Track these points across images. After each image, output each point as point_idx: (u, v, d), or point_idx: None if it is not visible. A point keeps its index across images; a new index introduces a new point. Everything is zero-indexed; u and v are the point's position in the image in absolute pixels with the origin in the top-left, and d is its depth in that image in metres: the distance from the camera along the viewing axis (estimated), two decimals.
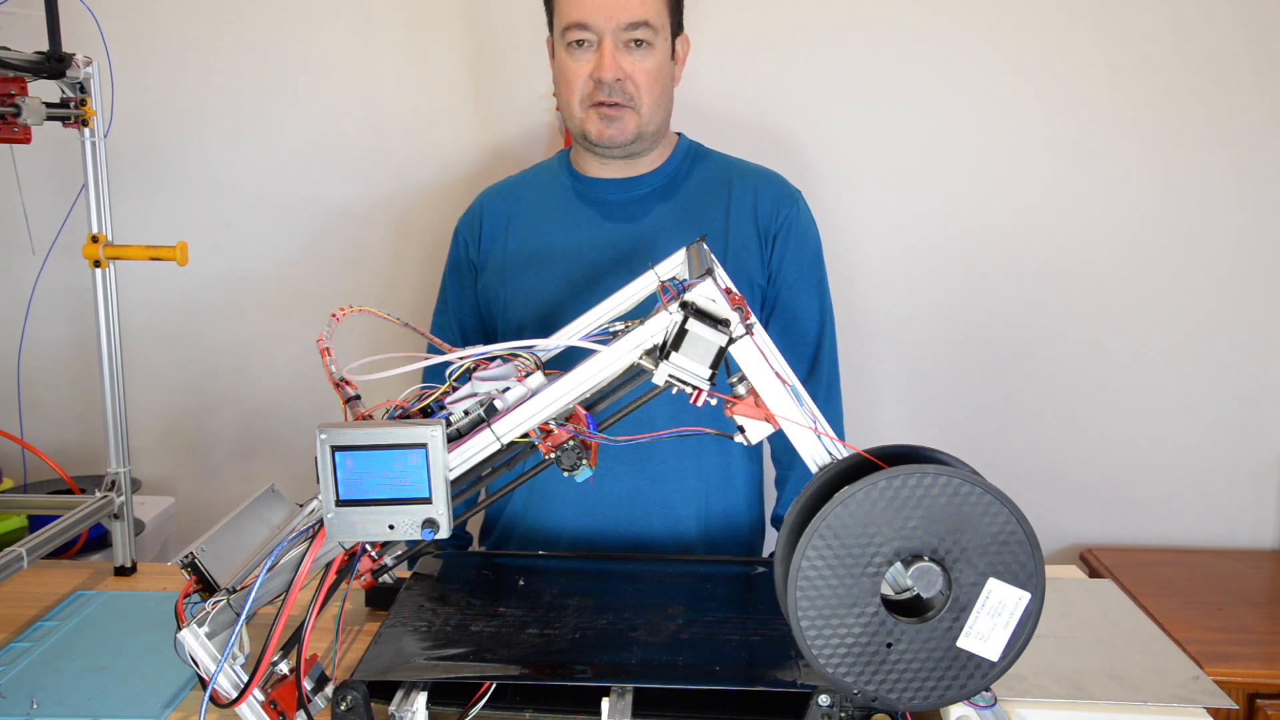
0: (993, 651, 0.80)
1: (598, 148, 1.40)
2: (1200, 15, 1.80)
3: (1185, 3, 1.80)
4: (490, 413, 0.87)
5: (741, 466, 1.46)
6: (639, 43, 1.34)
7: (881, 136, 1.87)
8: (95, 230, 1.31)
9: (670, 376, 0.83)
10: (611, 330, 0.93)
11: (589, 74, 1.35)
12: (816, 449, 0.85)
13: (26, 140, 1.26)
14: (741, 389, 0.86)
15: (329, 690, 0.92)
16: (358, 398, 0.94)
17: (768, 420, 0.86)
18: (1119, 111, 1.84)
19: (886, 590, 0.80)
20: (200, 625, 0.84)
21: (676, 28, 1.41)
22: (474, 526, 1.63)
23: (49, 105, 1.25)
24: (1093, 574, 1.83)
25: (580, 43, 1.34)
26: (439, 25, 1.88)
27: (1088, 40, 1.82)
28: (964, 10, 1.82)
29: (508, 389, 0.89)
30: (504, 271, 1.45)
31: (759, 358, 0.84)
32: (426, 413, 0.89)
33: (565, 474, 0.88)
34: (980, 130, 1.86)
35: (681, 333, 0.82)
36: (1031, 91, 1.84)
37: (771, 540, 1.56)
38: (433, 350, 1.31)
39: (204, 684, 0.85)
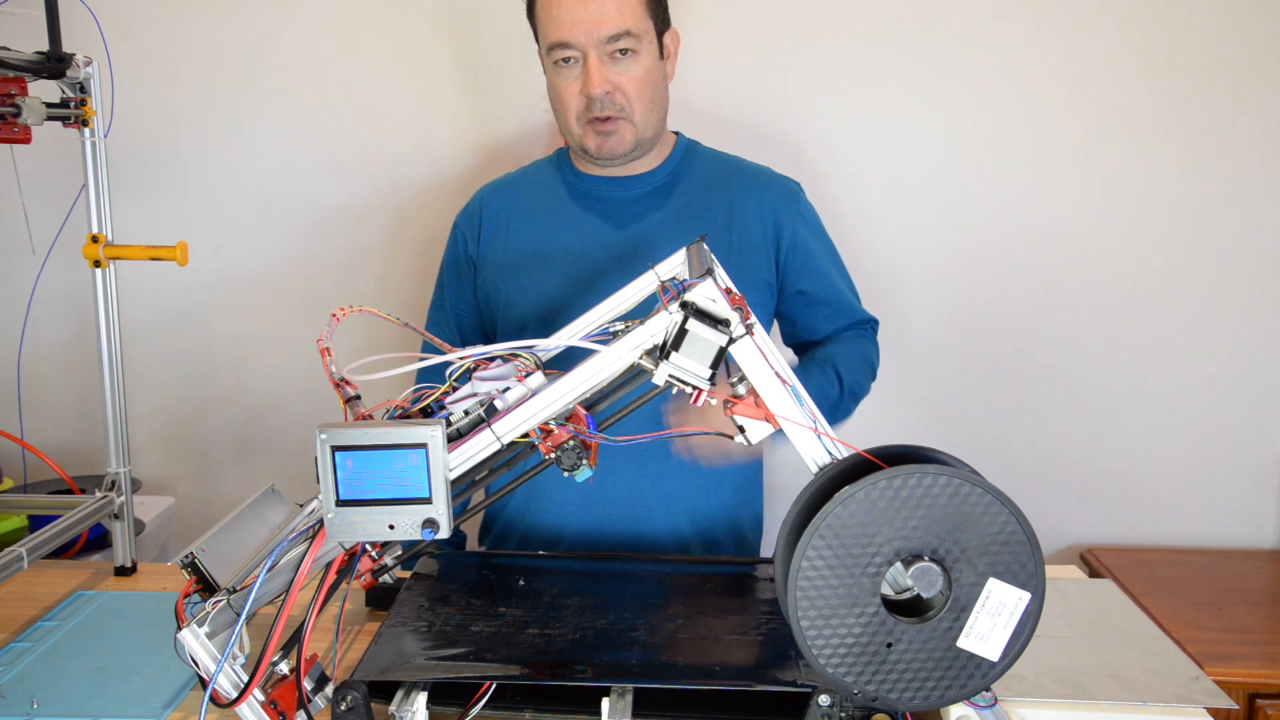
0: (993, 651, 0.80)
1: (599, 161, 1.41)
2: (1190, 16, 1.79)
3: (1208, 4, 1.79)
4: (490, 413, 0.87)
5: (740, 463, 1.46)
6: (624, 52, 1.33)
7: (881, 136, 1.87)
8: (95, 230, 1.31)
9: (670, 376, 0.83)
10: (612, 330, 0.93)
11: (579, 90, 1.35)
12: (816, 449, 0.85)
13: (26, 140, 1.26)
14: (742, 389, 0.86)
15: (329, 690, 0.92)
16: (358, 398, 0.94)
17: (768, 420, 0.86)
18: (1117, 109, 1.83)
19: (886, 590, 0.80)
20: (200, 625, 0.84)
21: (663, 25, 1.40)
22: (472, 524, 1.63)
23: (49, 105, 1.25)
24: (1093, 574, 1.82)
25: (566, 60, 1.34)
26: (436, 25, 1.88)
27: (1088, 38, 1.81)
28: (964, 10, 1.82)
29: (508, 389, 0.89)
30: (504, 269, 1.45)
31: (759, 358, 0.84)
32: (426, 413, 0.89)
33: (565, 474, 0.88)
34: (982, 129, 1.86)
35: (681, 333, 0.82)
36: (1034, 90, 1.84)
37: (771, 538, 1.56)
38: (430, 349, 1.31)
39: (204, 684, 0.85)
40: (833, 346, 1.47)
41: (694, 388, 0.83)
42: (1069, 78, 1.83)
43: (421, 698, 0.92)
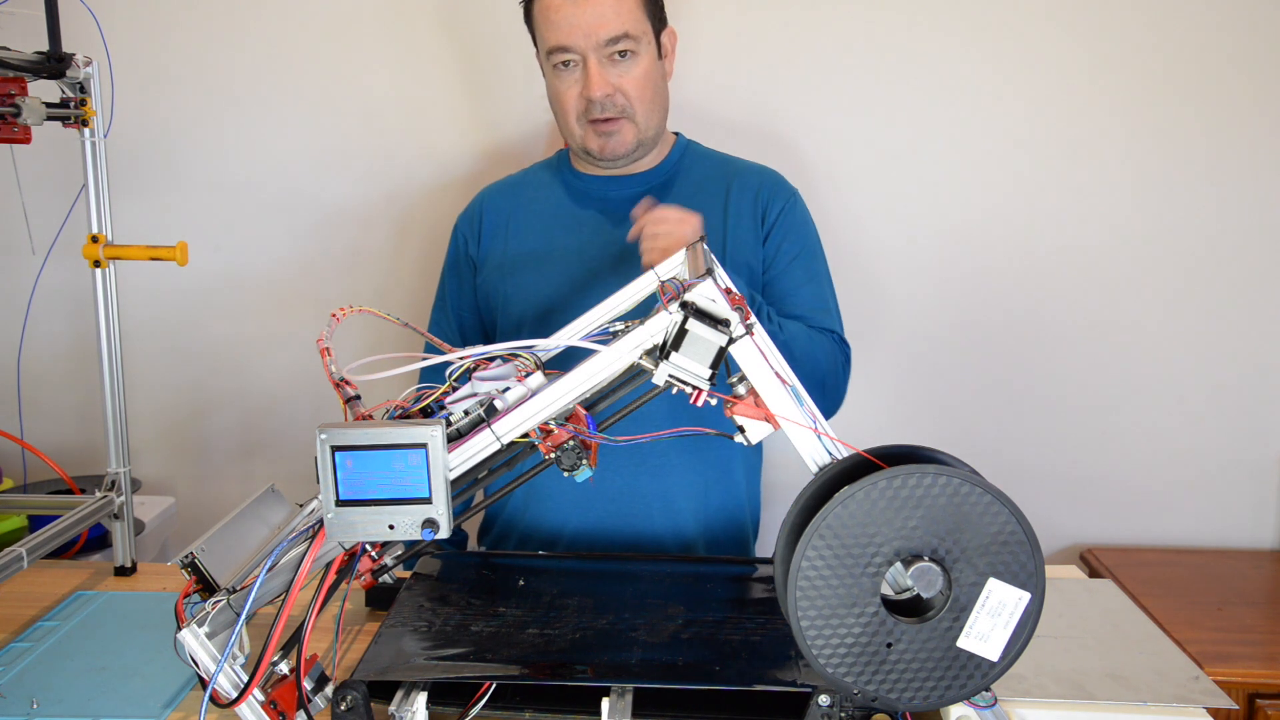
0: (993, 651, 0.80)
1: (601, 162, 1.41)
2: (1182, 14, 1.80)
3: (1167, 2, 1.80)
4: (490, 413, 0.87)
5: (741, 460, 1.47)
6: (623, 54, 1.33)
7: (877, 136, 1.87)
8: (95, 230, 1.31)
9: (670, 376, 0.83)
10: (611, 330, 0.93)
11: (579, 93, 1.35)
12: (816, 449, 0.85)
13: (26, 140, 1.26)
14: (741, 389, 0.86)
15: (329, 690, 0.92)
16: (358, 398, 0.94)
17: (768, 420, 0.86)
18: (1121, 113, 1.84)
19: (886, 590, 0.80)
20: (200, 625, 0.84)
21: (660, 24, 1.40)
22: (472, 524, 1.63)
23: (49, 105, 1.25)
24: (1093, 574, 1.83)
25: (565, 63, 1.35)
26: (438, 26, 1.88)
27: (1079, 41, 1.81)
28: (958, 11, 1.82)
29: (508, 389, 0.89)
30: (503, 269, 1.46)
31: (759, 358, 0.84)
32: (426, 413, 0.89)
33: (565, 474, 0.88)
34: (979, 130, 1.86)
35: (681, 333, 0.82)
36: (1029, 91, 1.84)
37: (770, 535, 1.56)
38: (431, 349, 1.31)
39: (204, 684, 0.85)
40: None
41: (694, 388, 0.83)
42: (1064, 79, 1.83)
43: (421, 698, 0.92)
